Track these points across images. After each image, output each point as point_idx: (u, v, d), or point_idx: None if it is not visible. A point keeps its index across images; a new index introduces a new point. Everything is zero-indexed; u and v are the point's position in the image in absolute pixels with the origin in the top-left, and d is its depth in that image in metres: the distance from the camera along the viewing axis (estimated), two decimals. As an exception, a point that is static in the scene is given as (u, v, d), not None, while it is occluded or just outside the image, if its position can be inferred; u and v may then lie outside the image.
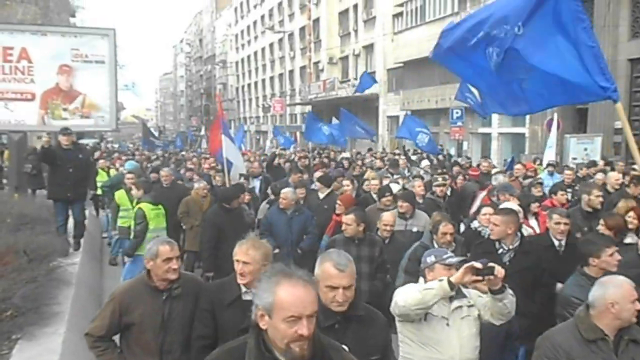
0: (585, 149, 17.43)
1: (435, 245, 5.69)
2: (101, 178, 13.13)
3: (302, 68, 46.78)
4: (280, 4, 51.61)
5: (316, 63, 43.51)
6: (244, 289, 3.78)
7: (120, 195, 10.01)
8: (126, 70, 47.02)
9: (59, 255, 7.73)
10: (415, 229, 7.23)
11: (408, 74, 30.82)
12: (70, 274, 7.53)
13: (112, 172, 13.94)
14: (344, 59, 39.84)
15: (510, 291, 3.61)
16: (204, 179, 11.12)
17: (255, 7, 59.19)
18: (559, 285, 5.39)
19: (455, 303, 3.74)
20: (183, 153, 27.64)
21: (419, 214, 7.44)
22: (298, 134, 45.21)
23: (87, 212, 10.50)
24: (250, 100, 63.79)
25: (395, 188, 9.54)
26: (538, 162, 15.70)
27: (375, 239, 6.27)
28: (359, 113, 28.74)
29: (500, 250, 5.46)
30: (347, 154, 20.96)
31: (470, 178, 11.42)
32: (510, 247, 5.45)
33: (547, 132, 18.85)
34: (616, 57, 18.56)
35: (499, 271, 3.43)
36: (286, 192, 8.13)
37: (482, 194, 9.00)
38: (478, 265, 3.39)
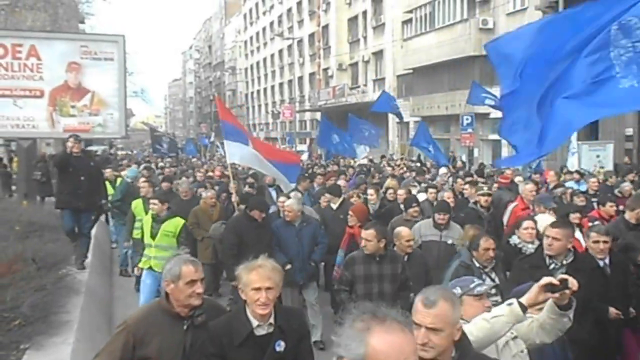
0: (598, 156, 17.30)
1: (476, 263, 5.35)
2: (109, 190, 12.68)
3: (312, 74, 46.97)
4: (289, 10, 51.83)
5: (325, 69, 43.63)
6: (255, 323, 3.34)
7: (137, 204, 9.35)
8: (135, 77, 47.46)
9: (68, 263, 7.65)
10: (450, 241, 6.89)
11: (418, 80, 30.84)
12: (80, 282, 7.46)
13: (119, 181, 13.09)
14: (354, 65, 39.90)
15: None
16: (220, 187, 10.65)
17: (264, 13, 59.52)
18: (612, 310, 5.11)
19: (501, 340, 3.27)
20: (194, 159, 27.56)
21: (453, 226, 7.10)
22: (308, 140, 45.33)
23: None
24: (259, 106, 64.00)
25: (423, 198, 9.16)
26: (566, 169, 15.02)
27: (397, 255, 5.87)
28: (369, 119, 28.70)
29: (552, 266, 4.99)
30: (364, 161, 20.40)
31: (501, 186, 10.95)
32: (564, 262, 4.98)
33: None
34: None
35: (573, 283, 3.01)
36: (290, 204, 7.58)
37: (512, 206, 8.57)
38: (555, 281, 2.98)
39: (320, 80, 43.98)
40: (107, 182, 12.40)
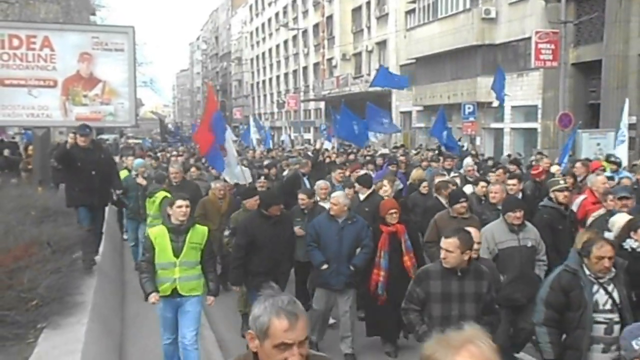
0: (598, 144, 17.44)
1: (586, 271, 4.37)
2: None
3: (316, 64, 47.22)
4: (294, 1, 51.99)
5: (329, 59, 43.86)
6: None
7: (162, 196, 8.88)
8: (144, 67, 47.70)
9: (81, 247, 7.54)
10: (529, 244, 5.91)
11: (420, 69, 31.05)
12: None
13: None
14: (357, 55, 40.08)
15: None
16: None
17: (269, 4, 59.65)
18: None
19: None
20: None
21: (528, 226, 6.04)
22: (312, 128, 45.65)
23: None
24: (265, 96, 64.32)
25: (467, 190, 8.24)
26: (613, 159, 13.48)
27: (482, 269, 4.74)
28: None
29: None
30: (385, 150, 19.77)
31: (531, 179, 9.78)
32: None
33: (559, 127, 19.02)
34: (627, 53, 18.63)
35: None
36: (338, 196, 6.78)
37: (581, 199, 7.64)
38: None
39: (325, 70, 44.21)
40: (126, 172, 11.92)
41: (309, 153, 18.53)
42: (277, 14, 57.30)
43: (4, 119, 12.79)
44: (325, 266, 6.46)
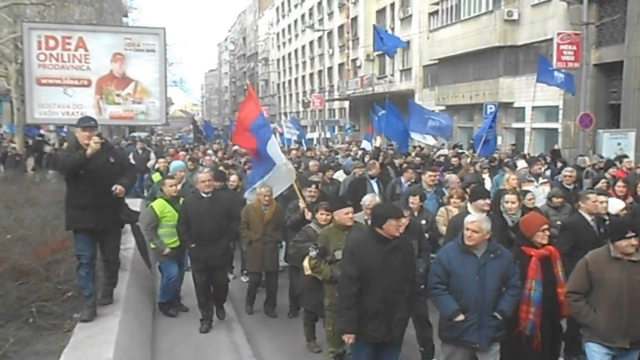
0: (619, 144, 17.55)
1: None
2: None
3: (341, 65, 47.71)
4: (319, 3, 52.55)
5: (354, 60, 44.27)
6: None
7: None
8: (174, 67, 48.52)
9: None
10: None
11: (443, 70, 31.30)
12: (126, 259, 7.44)
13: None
14: (381, 56, 40.27)
15: None
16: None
17: (296, 6, 60.29)
18: None
19: None
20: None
21: None
22: (336, 127, 46.09)
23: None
24: (290, 95, 65.02)
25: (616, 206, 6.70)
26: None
27: None
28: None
29: None
30: (445, 151, 18.79)
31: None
32: None
33: (579, 127, 19.15)
34: (648, 54, 18.78)
35: None
36: (479, 220, 4.88)
37: None
38: None
39: (349, 71, 44.67)
40: (158, 175, 10.87)
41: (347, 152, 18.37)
42: (303, 16, 57.94)
43: (40, 117, 13.46)
44: (461, 317, 4.72)
